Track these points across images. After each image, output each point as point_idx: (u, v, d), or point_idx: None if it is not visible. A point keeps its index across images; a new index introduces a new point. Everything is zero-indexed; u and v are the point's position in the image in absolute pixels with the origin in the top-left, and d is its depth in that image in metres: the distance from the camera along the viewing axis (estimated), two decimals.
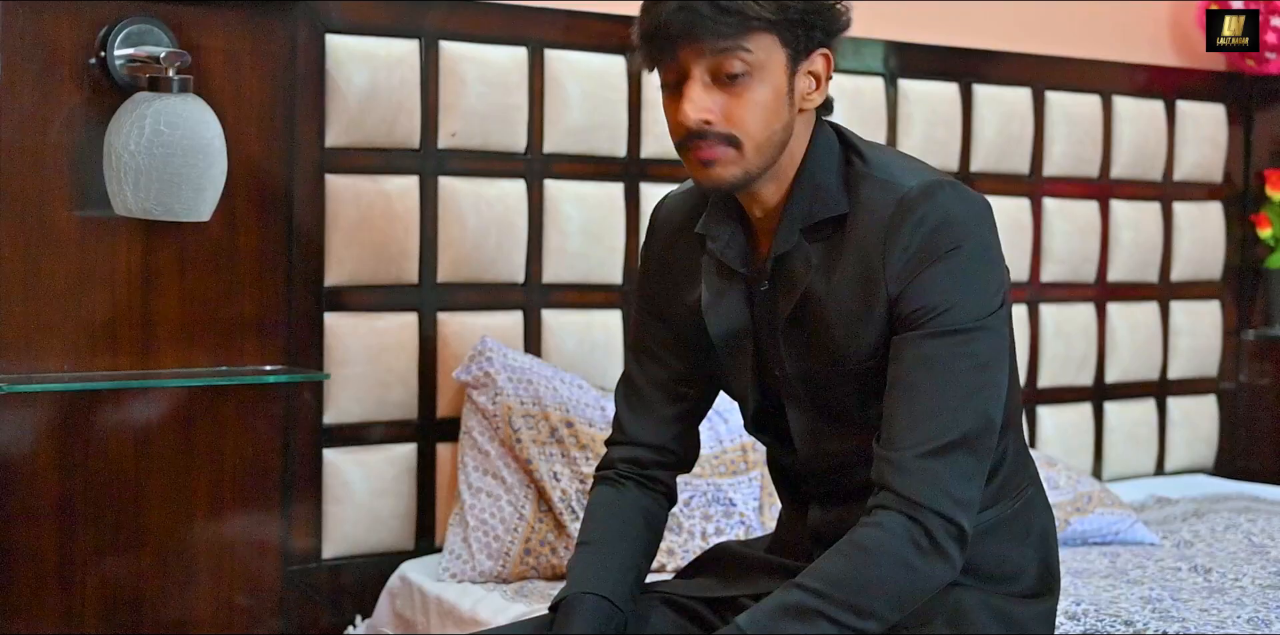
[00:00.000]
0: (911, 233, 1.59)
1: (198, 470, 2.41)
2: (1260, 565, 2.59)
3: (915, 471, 1.55)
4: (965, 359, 1.57)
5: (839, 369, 1.66)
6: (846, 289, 1.63)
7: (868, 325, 1.62)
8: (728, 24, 1.56)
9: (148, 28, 2.29)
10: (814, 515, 1.75)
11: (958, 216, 1.60)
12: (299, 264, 2.50)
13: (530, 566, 2.47)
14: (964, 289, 1.59)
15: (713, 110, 1.59)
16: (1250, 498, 3.29)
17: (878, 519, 1.55)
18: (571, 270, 2.76)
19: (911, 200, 1.60)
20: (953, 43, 3.22)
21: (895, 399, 1.59)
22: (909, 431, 1.56)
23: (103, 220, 2.30)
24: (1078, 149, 3.38)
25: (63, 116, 2.28)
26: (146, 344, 2.35)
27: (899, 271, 1.59)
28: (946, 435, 1.56)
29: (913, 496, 1.54)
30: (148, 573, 2.38)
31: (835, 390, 1.68)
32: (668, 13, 1.57)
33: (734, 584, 1.79)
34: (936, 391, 1.57)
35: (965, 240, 1.59)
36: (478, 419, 2.55)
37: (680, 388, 1.82)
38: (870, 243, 1.61)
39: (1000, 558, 1.71)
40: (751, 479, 2.59)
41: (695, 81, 1.59)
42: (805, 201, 1.65)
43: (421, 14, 2.61)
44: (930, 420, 1.56)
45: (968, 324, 1.58)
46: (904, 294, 1.59)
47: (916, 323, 1.59)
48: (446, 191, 2.64)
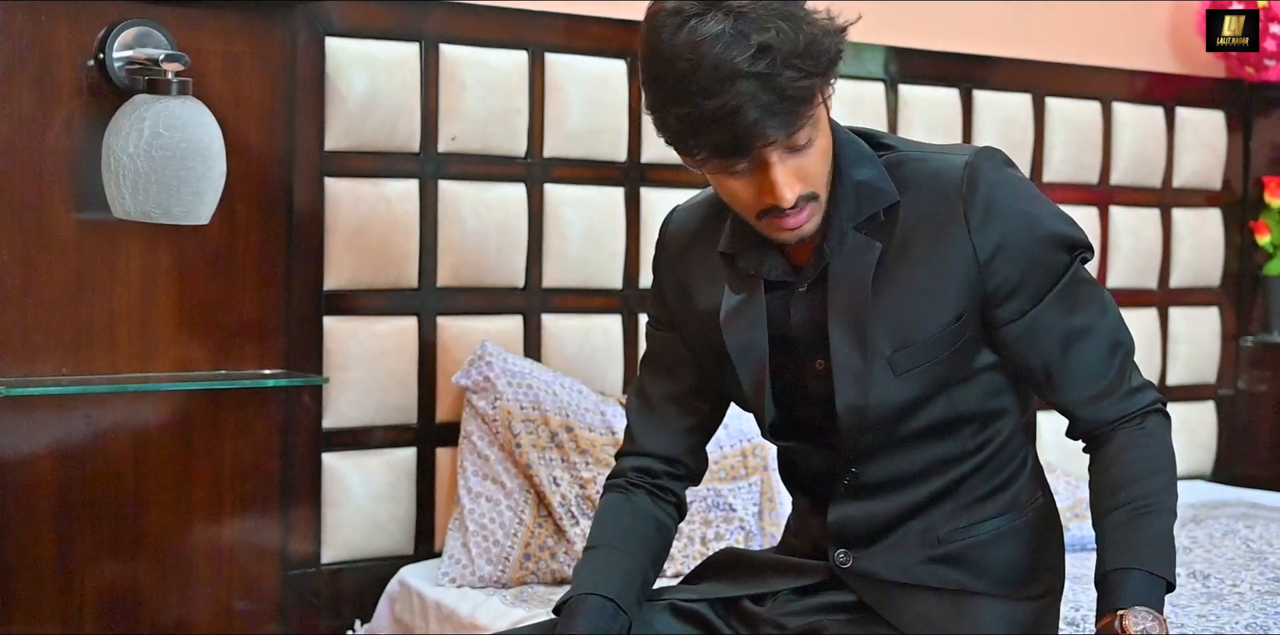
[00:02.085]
0: (986, 193, 1.62)
1: (196, 474, 2.41)
2: (1258, 571, 2.59)
3: (1120, 398, 1.69)
4: (1084, 288, 1.68)
5: (904, 354, 1.65)
6: (919, 262, 1.64)
7: (951, 289, 1.64)
8: (797, 112, 1.52)
9: (147, 30, 2.29)
10: (838, 511, 1.73)
11: (1015, 180, 1.67)
12: (298, 267, 2.49)
13: (530, 571, 2.47)
14: (1053, 227, 1.67)
15: (797, 183, 1.57)
16: (1248, 504, 3.29)
17: (1135, 422, 1.71)
18: (571, 275, 2.76)
19: (975, 166, 1.64)
20: (953, 48, 3.23)
21: (1076, 346, 1.67)
22: (1092, 379, 1.68)
23: (101, 223, 2.30)
24: (1077, 155, 3.39)
25: (61, 119, 2.27)
26: (145, 347, 2.35)
27: (983, 231, 1.62)
28: (1123, 360, 1.70)
29: (1132, 410, 1.70)
30: (146, 577, 2.37)
31: (890, 380, 1.66)
32: (726, 116, 1.49)
33: (741, 585, 1.79)
34: (1095, 326, 1.68)
35: (1031, 202, 1.67)
36: (477, 423, 2.54)
37: (693, 401, 1.82)
38: (942, 212, 1.63)
39: (1014, 564, 1.71)
40: (751, 484, 2.59)
41: (776, 165, 1.55)
42: (850, 201, 1.65)
43: (422, 17, 2.61)
44: (1110, 355, 1.69)
45: (1066, 269, 1.67)
46: (998, 261, 1.63)
47: (1029, 289, 1.65)
48: (446, 195, 2.64)
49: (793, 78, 1.50)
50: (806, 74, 1.51)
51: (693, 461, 1.85)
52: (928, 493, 1.70)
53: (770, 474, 2.61)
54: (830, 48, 1.55)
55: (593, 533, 1.79)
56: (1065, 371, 1.68)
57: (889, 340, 1.65)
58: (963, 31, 3.27)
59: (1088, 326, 1.68)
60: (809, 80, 1.51)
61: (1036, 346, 1.67)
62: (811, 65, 1.51)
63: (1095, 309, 1.69)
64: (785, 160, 1.56)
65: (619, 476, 1.83)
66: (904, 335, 1.64)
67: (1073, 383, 1.69)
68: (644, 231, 2.81)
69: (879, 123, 3.08)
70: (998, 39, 3.31)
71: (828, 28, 1.56)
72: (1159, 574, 1.61)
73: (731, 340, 1.71)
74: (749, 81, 1.48)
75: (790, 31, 1.51)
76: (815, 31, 1.54)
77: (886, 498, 1.69)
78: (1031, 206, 1.66)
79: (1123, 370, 1.70)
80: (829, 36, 1.55)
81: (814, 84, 1.53)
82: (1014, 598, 1.72)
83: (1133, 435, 1.70)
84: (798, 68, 1.50)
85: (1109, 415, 1.70)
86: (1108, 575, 1.61)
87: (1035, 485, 1.78)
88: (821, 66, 1.53)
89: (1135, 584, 1.59)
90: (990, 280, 1.64)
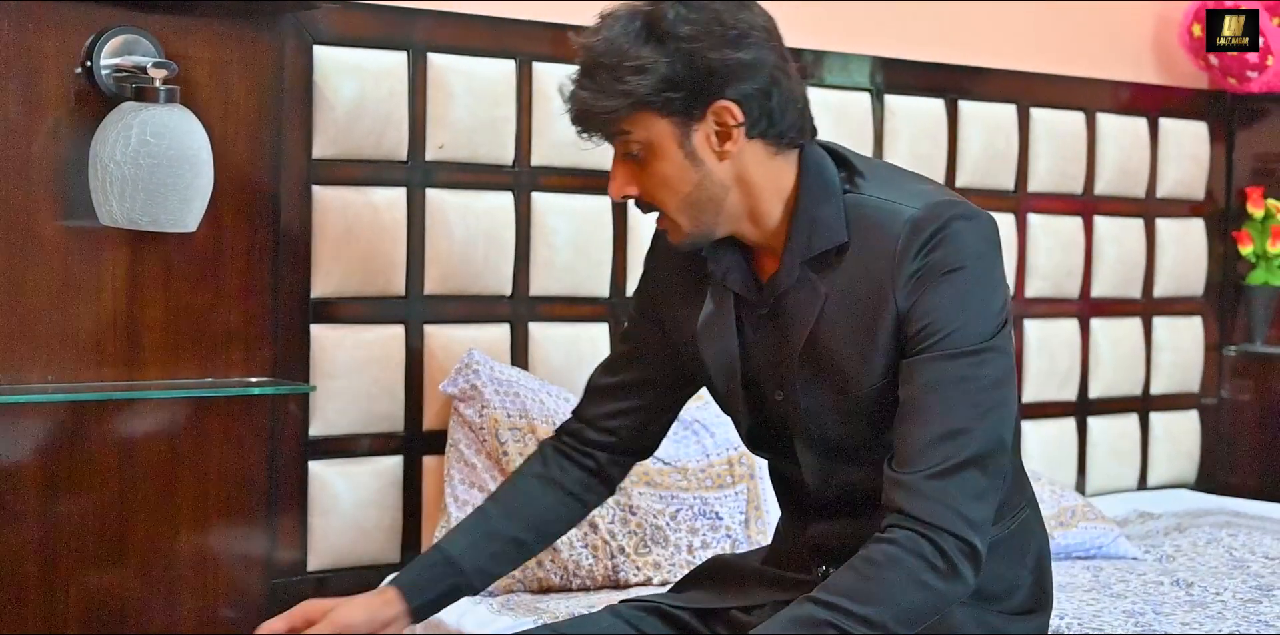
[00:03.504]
0: (919, 253, 1.59)
1: (182, 482, 2.40)
2: (1241, 579, 2.60)
3: (927, 493, 1.54)
4: (975, 380, 1.57)
5: (849, 400, 1.66)
6: (856, 316, 1.63)
7: (878, 351, 1.62)
8: (601, 116, 1.63)
9: (135, 38, 2.29)
10: (816, 528, 1.75)
11: (964, 236, 1.60)
12: (285, 275, 2.49)
13: (516, 579, 2.47)
14: (971, 309, 1.59)
15: (631, 185, 1.67)
16: (1231, 512, 3.30)
17: (891, 536, 1.55)
18: (559, 283, 2.76)
19: (919, 221, 1.59)
20: (939, 59, 3.24)
21: (906, 421, 1.58)
22: (920, 453, 1.56)
23: (88, 230, 2.29)
24: (1062, 165, 3.40)
25: (48, 126, 2.27)
26: (132, 355, 2.35)
27: (907, 292, 1.59)
28: (958, 455, 1.55)
29: (925, 517, 1.54)
30: (132, 584, 2.37)
31: (844, 423, 1.68)
32: (567, 106, 1.68)
33: (728, 596, 1.79)
34: (947, 413, 1.56)
35: (971, 260, 1.60)
36: (464, 432, 2.54)
37: (650, 389, 1.86)
38: (879, 267, 1.61)
39: (996, 576, 1.70)
40: (738, 493, 2.59)
41: (616, 158, 1.68)
42: (804, 235, 1.65)
43: (410, 26, 2.61)
44: (941, 442, 1.56)
45: (976, 345, 1.58)
46: (911, 314, 1.59)
47: (925, 344, 1.59)
48: (434, 204, 2.64)
49: (593, 87, 1.62)
50: (602, 92, 1.61)
51: (635, 439, 1.88)
52: None
53: (757, 482, 2.62)
54: (644, 84, 1.59)
55: (494, 492, 1.91)
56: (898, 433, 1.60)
57: (832, 387, 1.67)
58: (948, 42, 3.28)
59: (945, 415, 1.57)
60: (607, 100, 1.61)
61: (905, 392, 1.61)
62: (609, 86, 1.60)
63: (967, 407, 1.57)
64: (624, 160, 1.67)
65: (553, 436, 1.90)
66: (845, 384, 1.66)
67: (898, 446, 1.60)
68: (631, 240, 2.81)
69: (865, 133, 3.09)
70: (983, 50, 3.33)
71: (700, 60, 1.59)
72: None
73: (707, 348, 1.74)
74: (579, 77, 1.65)
75: (622, 43, 1.60)
76: (647, 60, 1.60)
77: (864, 516, 1.67)
78: (958, 287, 1.59)
79: (946, 470, 1.55)
80: (672, 65, 1.59)
81: (616, 101, 1.60)
82: (1001, 611, 1.72)
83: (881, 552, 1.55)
84: (600, 82, 1.61)
85: (898, 502, 1.57)
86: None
87: (1019, 498, 1.78)
88: (618, 92, 1.60)
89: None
90: (902, 327, 1.62)
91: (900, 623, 1.52)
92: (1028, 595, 1.76)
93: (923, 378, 1.58)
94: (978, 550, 1.55)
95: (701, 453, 2.59)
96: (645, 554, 2.48)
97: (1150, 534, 3.07)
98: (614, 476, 1.89)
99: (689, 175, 1.63)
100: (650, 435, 1.89)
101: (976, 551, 1.55)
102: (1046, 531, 1.82)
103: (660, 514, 2.51)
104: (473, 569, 1.79)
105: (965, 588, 1.55)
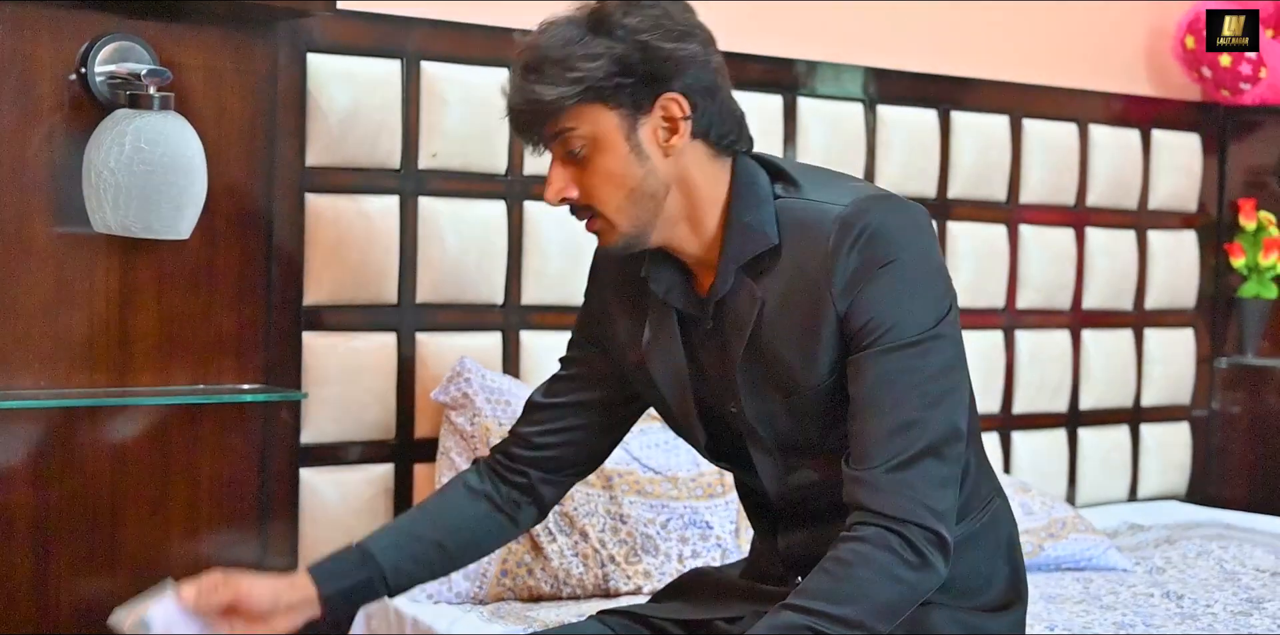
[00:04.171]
0: (850, 250, 1.59)
1: (174, 489, 2.40)
2: (1231, 592, 2.61)
3: (887, 486, 1.55)
4: (921, 370, 1.58)
5: (798, 399, 1.66)
6: (796, 317, 1.63)
7: (821, 349, 1.62)
8: (542, 111, 1.62)
9: (129, 45, 2.29)
10: (785, 539, 1.76)
11: (893, 229, 1.60)
12: (278, 283, 2.49)
13: (507, 587, 2.47)
14: (910, 301, 1.59)
15: (569, 187, 1.65)
16: (1222, 525, 3.31)
17: (858, 533, 1.55)
18: (551, 292, 2.76)
19: (846, 218, 1.60)
20: (932, 70, 3.25)
21: (859, 418, 1.59)
22: (876, 448, 1.56)
23: (81, 237, 2.29)
24: (1054, 177, 3.41)
25: (42, 133, 2.27)
26: (124, 362, 2.35)
27: (844, 290, 1.59)
28: (914, 446, 1.56)
29: (889, 511, 1.54)
30: (123, 591, 2.34)
31: (796, 423, 1.68)
32: (506, 109, 1.66)
33: (708, 607, 1.79)
34: (897, 405, 1.57)
35: (904, 251, 1.60)
36: (456, 440, 2.54)
37: (586, 411, 1.85)
38: (813, 266, 1.61)
39: (973, 570, 1.71)
40: (728, 502, 2.59)
41: (554, 162, 1.66)
42: (737, 242, 1.66)
43: (403, 34, 2.62)
44: (896, 434, 1.56)
45: (918, 335, 1.59)
46: (851, 312, 1.59)
47: (868, 340, 1.59)
48: (427, 212, 2.64)
49: (541, 81, 1.60)
50: (552, 84, 1.60)
51: (571, 457, 1.86)
52: None
53: None
54: (595, 71, 1.59)
55: (423, 500, 1.90)
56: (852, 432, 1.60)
57: (778, 388, 1.67)
58: (941, 53, 3.29)
59: (897, 408, 1.57)
60: (557, 89, 1.59)
61: (854, 389, 1.61)
62: (559, 76, 1.59)
63: (918, 397, 1.57)
64: (562, 160, 1.65)
65: (488, 454, 1.89)
66: (792, 385, 1.66)
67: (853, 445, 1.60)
68: None
69: (858, 143, 3.10)
70: (976, 61, 3.34)
71: (651, 49, 1.60)
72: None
73: (657, 370, 1.73)
74: (524, 73, 1.62)
75: (570, 36, 1.60)
76: (599, 47, 1.60)
77: (829, 523, 1.66)
78: (894, 280, 1.59)
79: (904, 462, 1.55)
80: (623, 54, 1.60)
81: (560, 90, 1.60)
82: (978, 608, 1.72)
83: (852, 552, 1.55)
84: (549, 74, 1.60)
85: (860, 499, 1.57)
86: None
87: (987, 488, 1.77)
88: (569, 80, 1.59)
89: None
90: (844, 325, 1.62)
91: (878, 619, 1.53)
92: (1006, 586, 1.75)
93: (870, 373, 1.58)
94: (945, 539, 1.55)
95: (692, 462, 2.60)
96: (636, 563, 2.48)
97: (1141, 546, 3.07)
98: (546, 495, 1.87)
99: (633, 170, 1.63)
100: (588, 455, 1.88)
101: (944, 540, 1.55)
102: (1015, 520, 1.82)
103: (651, 523, 2.51)
104: (390, 567, 1.78)
105: (937, 577, 1.56)
